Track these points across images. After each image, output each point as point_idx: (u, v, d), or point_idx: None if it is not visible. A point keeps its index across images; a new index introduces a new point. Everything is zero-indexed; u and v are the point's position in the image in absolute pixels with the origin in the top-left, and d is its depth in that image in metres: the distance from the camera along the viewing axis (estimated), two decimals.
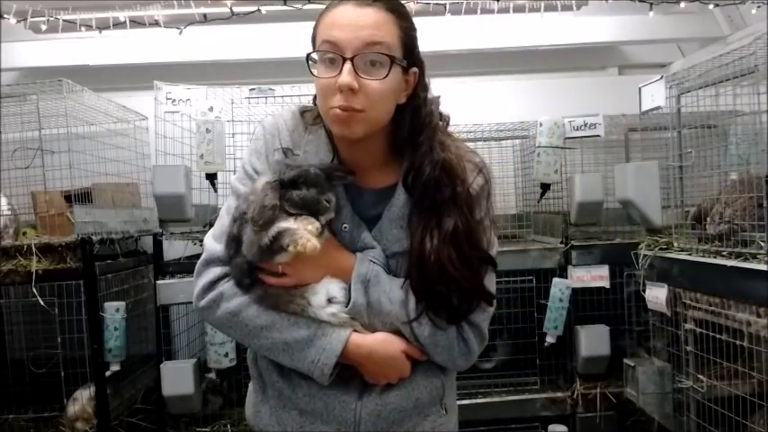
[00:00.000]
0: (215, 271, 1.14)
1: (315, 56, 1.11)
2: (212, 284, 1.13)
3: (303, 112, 1.24)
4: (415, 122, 1.15)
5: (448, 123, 1.22)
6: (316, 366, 1.10)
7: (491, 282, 1.17)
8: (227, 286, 1.13)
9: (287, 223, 1.06)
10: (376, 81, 1.06)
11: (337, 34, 1.06)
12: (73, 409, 2.46)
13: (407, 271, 1.14)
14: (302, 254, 1.04)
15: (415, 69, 1.15)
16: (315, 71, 1.11)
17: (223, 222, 1.17)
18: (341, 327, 1.12)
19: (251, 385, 1.28)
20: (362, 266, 1.13)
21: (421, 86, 1.17)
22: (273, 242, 1.05)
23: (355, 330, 1.13)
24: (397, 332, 1.14)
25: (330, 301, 1.12)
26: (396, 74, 1.09)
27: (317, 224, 1.08)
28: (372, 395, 1.15)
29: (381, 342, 1.13)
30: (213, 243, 1.16)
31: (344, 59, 1.06)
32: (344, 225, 1.17)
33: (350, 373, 1.15)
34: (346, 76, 1.05)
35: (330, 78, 1.08)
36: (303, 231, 1.05)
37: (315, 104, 1.22)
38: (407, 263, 1.13)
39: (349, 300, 1.12)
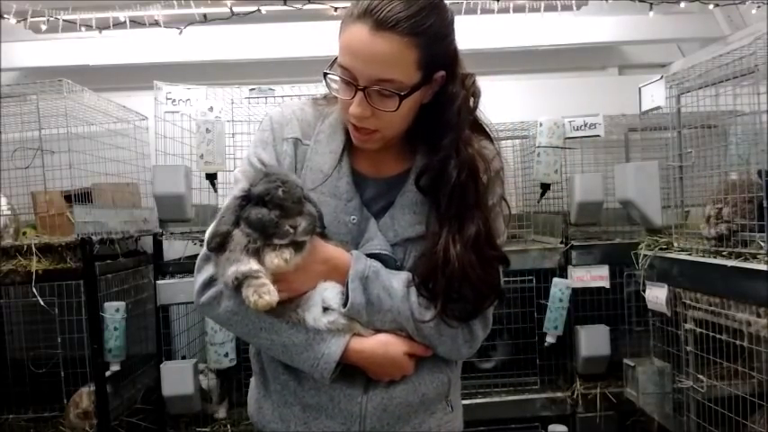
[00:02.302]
0: (214, 267, 1.11)
1: (334, 77, 1.10)
2: (212, 281, 1.11)
3: (316, 99, 1.24)
4: (439, 122, 1.12)
5: (477, 105, 1.16)
6: (315, 369, 1.09)
7: (501, 277, 1.17)
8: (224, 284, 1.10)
9: (246, 265, 1.02)
10: (387, 111, 1.06)
11: (351, 62, 1.04)
12: (73, 408, 2.46)
13: (424, 274, 1.11)
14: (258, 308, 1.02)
15: (441, 74, 1.10)
16: (334, 85, 1.11)
17: None
18: (340, 332, 1.10)
19: (253, 381, 1.27)
20: (359, 264, 1.10)
21: (450, 86, 1.11)
22: (236, 288, 1.04)
23: (355, 333, 1.11)
24: (398, 330, 1.12)
25: (326, 309, 1.09)
26: (411, 98, 1.07)
27: (286, 255, 1.03)
28: (378, 389, 1.14)
29: (382, 345, 1.11)
30: None
31: (357, 88, 1.05)
32: (353, 218, 1.16)
33: (355, 367, 1.12)
34: (356, 107, 1.06)
35: (346, 101, 1.09)
36: (261, 282, 1.01)
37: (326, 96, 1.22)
38: (426, 266, 1.11)
39: (346, 300, 1.09)
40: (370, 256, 1.13)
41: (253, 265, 1.03)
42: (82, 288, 2.42)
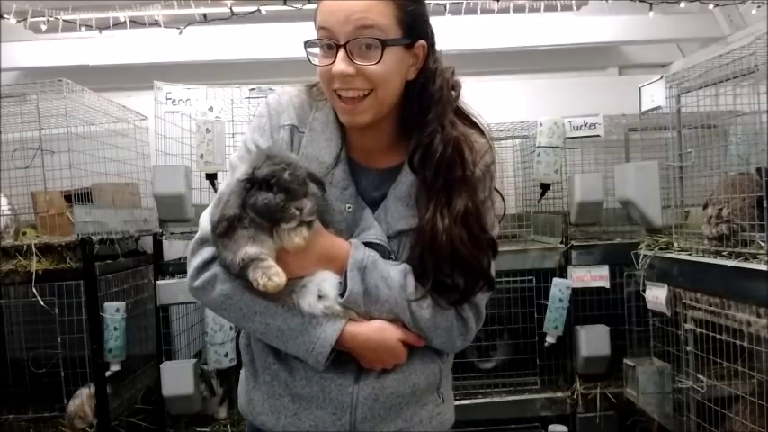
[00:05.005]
0: (209, 250, 1.10)
1: (315, 43, 1.11)
2: (206, 264, 1.10)
3: (311, 87, 1.24)
4: (423, 99, 1.14)
5: (458, 95, 1.19)
6: (310, 354, 1.09)
7: (493, 267, 1.17)
8: (221, 267, 1.09)
9: (253, 248, 1.03)
10: (371, 65, 1.07)
11: (331, 21, 1.07)
12: (73, 408, 2.46)
13: (413, 249, 1.12)
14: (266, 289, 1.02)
15: (422, 43, 1.12)
16: (314, 59, 1.12)
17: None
18: (336, 317, 1.10)
19: (242, 373, 1.26)
20: (358, 253, 1.10)
21: (431, 59, 1.14)
22: (242, 270, 1.03)
23: (351, 319, 1.11)
24: (394, 321, 1.13)
25: (321, 297, 1.09)
26: (395, 53, 1.08)
27: (304, 233, 1.05)
28: (369, 379, 1.13)
29: (377, 330, 1.11)
30: (209, 222, 1.12)
31: (338, 46, 1.07)
32: (348, 206, 1.16)
33: (346, 357, 1.12)
34: (340, 63, 1.06)
35: (327, 66, 1.09)
36: (268, 264, 1.02)
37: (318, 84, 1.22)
38: (414, 242, 1.12)
39: (344, 289, 1.09)
40: (367, 245, 1.13)
41: (258, 248, 1.03)
42: (82, 288, 2.42)
